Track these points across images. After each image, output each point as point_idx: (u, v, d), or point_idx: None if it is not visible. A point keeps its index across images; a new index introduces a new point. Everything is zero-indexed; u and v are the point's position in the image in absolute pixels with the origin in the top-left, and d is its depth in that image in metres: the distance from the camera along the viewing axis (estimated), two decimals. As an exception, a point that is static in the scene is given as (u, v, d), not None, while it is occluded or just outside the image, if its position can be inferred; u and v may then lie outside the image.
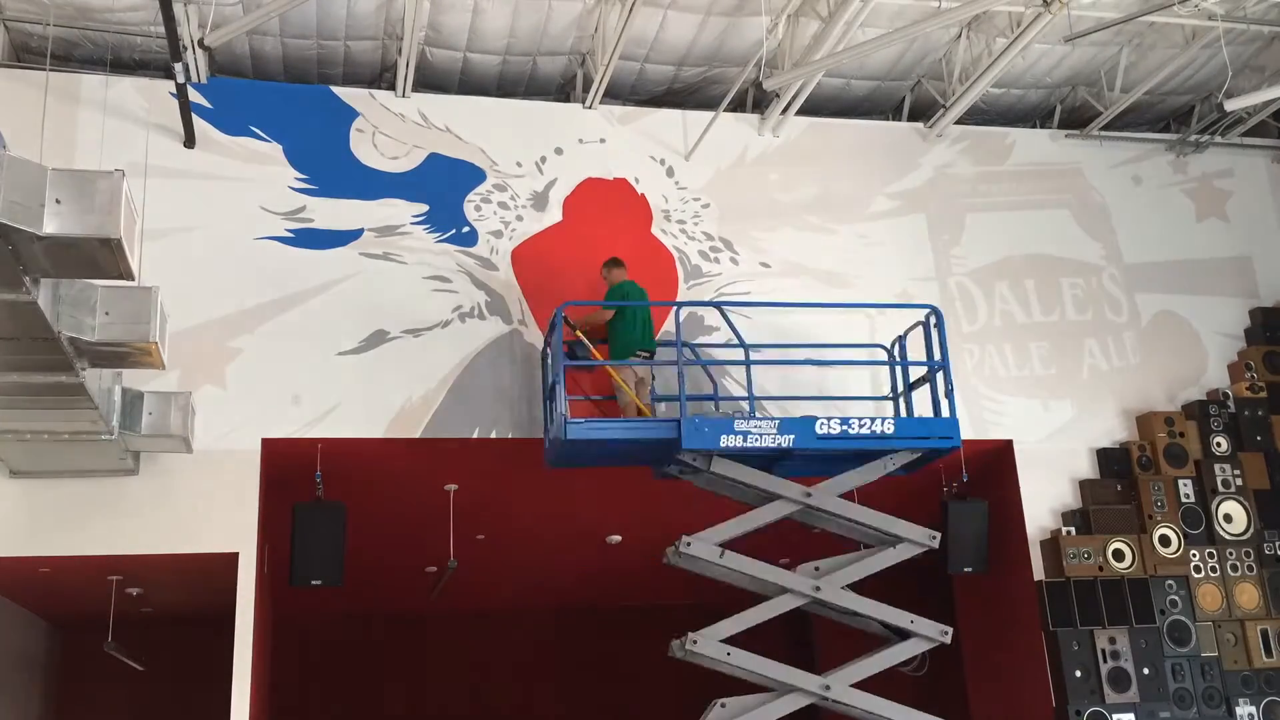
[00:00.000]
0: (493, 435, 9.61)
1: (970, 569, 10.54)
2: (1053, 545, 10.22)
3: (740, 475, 9.02)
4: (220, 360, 9.33)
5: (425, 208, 10.09)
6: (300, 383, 9.41)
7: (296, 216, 9.83)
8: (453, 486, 10.52)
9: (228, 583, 8.92)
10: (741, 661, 8.87)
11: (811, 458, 9.21)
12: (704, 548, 8.85)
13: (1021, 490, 10.48)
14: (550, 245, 10.27)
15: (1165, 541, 10.34)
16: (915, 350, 9.73)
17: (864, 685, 9.00)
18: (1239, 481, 10.70)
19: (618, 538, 12.74)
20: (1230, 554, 10.46)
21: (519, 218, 10.27)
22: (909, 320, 9.78)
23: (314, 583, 9.18)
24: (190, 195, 9.64)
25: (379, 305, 9.71)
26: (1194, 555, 10.39)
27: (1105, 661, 9.85)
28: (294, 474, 9.35)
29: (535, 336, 9.95)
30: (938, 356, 9.37)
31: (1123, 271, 11.46)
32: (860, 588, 9.20)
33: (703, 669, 9.04)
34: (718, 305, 9.90)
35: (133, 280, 5.95)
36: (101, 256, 5.55)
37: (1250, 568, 10.46)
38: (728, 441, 8.78)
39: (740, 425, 8.89)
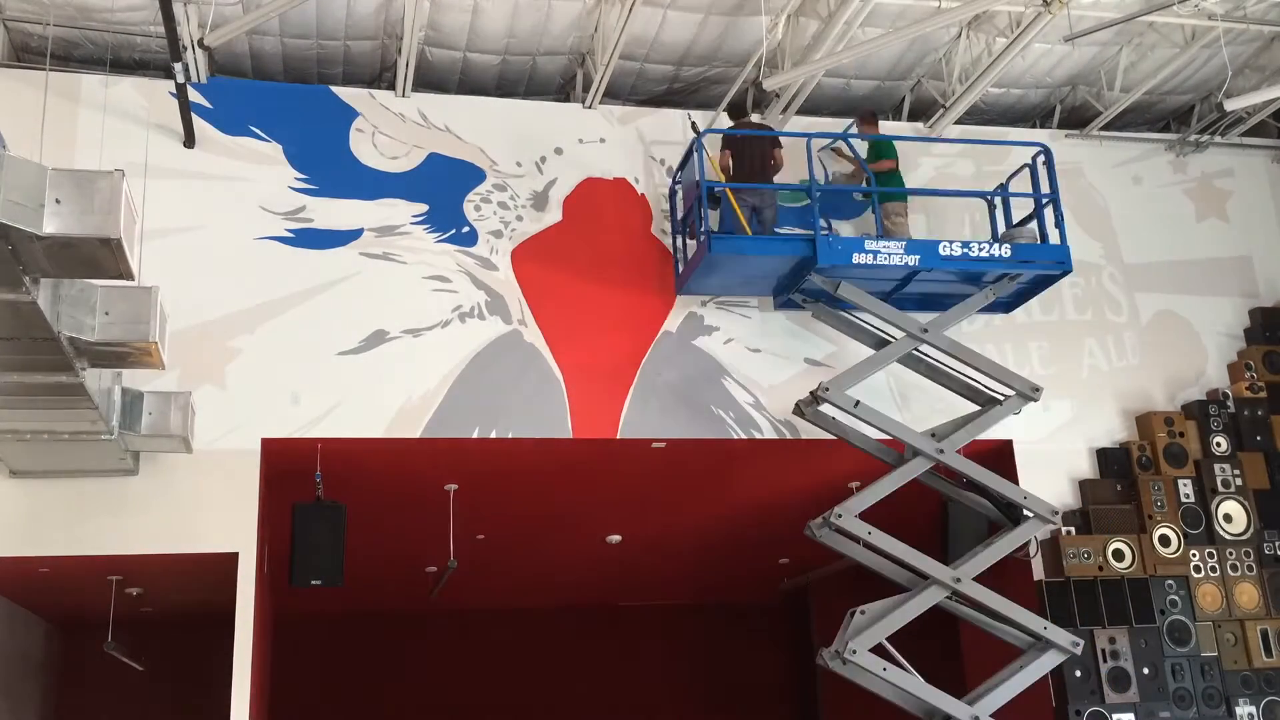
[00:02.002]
0: (492, 435, 9.61)
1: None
2: (1053, 545, 10.22)
3: (864, 302, 9.57)
4: (220, 360, 9.33)
5: (425, 208, 10.09)
6: (300, 383, 9.41)
7: (296, 216, 9.83)
8: (453, 486, 10.53)
9: (228, 583, 8.92)
10: (881, 543, 9.10)
11: (927, 297, 9.93)
12: (853, 522, 9.09)
13: (1022, 490, 10.47)
14: (550, 245, 10.26)
15: (1165, 541, 10.34)
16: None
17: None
18: (1239, 481, 10.70)
19: (618, 538, 12.75)
20: (1230, 554, 10.46)
21: (519, 218, 10.27)
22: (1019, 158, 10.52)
23: (314, 583, 9.18)
24: (190, 195, 9.64)
25: (379, 305, 9.71)
26: (1194, 555, 10.39)
27: (1105, 661, 9.84)
28: (294, 474, 9.35)
29: (535, 336, 9.95)
30: (1047, 190, 10.06)
31: (1123, 271, 11.46)
32: (848, 577, 9.24)
33: (705, 671, 9.02)
34: (845, 138, 10.40)
35: (133, 280, 5.95)
36: (101, 256, 5.55)
37: (1250, 568, 10.46)
38: (859, 259, 9.41)
39: (870, 245, 9.53)
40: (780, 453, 10.43)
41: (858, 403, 9.29)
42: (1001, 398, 9.73)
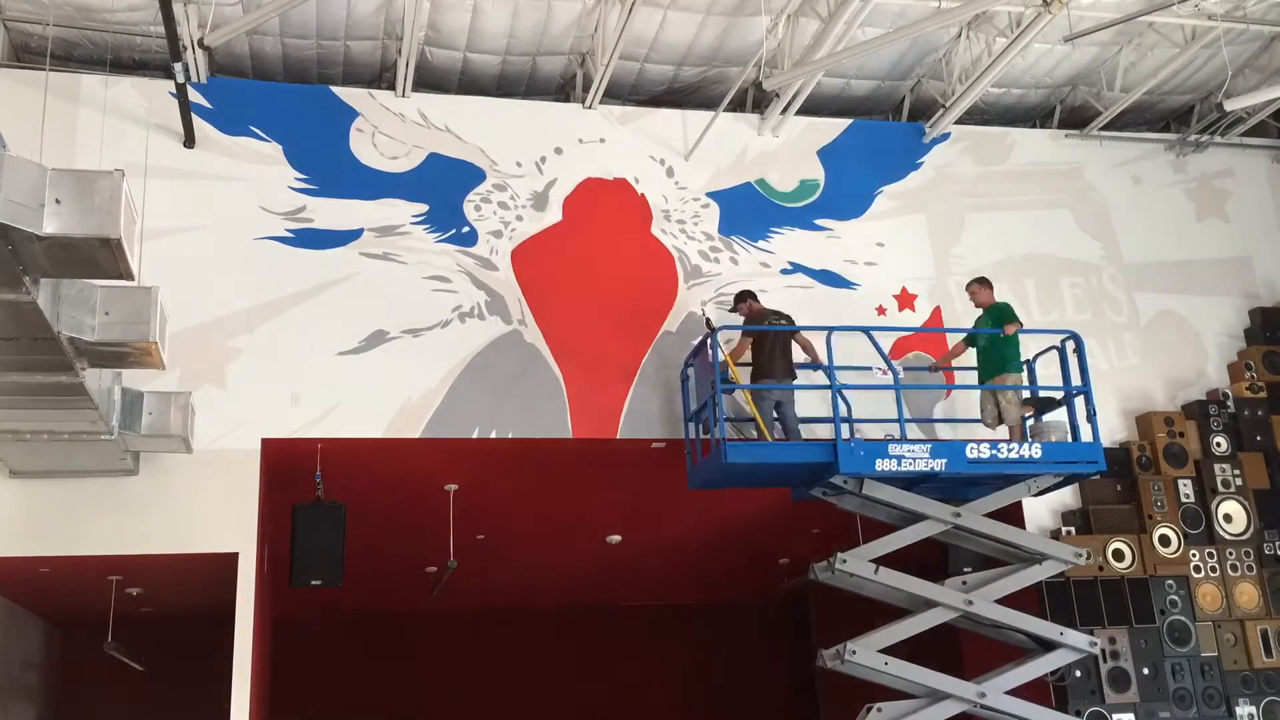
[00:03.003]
0: (493, 435, 9.61)
1: (970, 569, 10.52)
2: (1053, 545, 10.21)
3: (892, 498, 9.11)
4: (220, 360, 9.32)
5: (425, 208, 10.09)
6: (300, 383, 9.41)
7: (296, 216, 9.82)
8: (453, 486, 10.53)
9: (228, 583, 8.92)
10: (899, 671, 8.93)
11: (950, 481, 9.28)
12: (859, 564, 8.94)
13: (1022, 490, 10.45)
14: (550, 245, 10.26)
15: (1165, 541, 10.34)
16: (1045, 375, 9.95)
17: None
18: (1239, 481, 10.70)
19: (618, 538, 12.74)
20: (1230, 554, 10.46)
21: (519, 218, 10.27)
22: (1042, 343, 9.84)
23: (314, 583, 9.18)
24: (190, 195, 9.65)
25: (379, 305, 9.71)
26: (1194, 555, 10.39)
27: (1105, 661, 9.84)
28: (294, 474, 9.35)
29: (535, 336, 9.95)
30: (1078, 381, 9.46)
31: (1123, 271, 11.46)
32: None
33: (705, 671, 9.00)
34: (866, 330, 9.64)
35: (133, 280, 5.95)
36: (101, 256, 5.55)
37: (1250, 568, 10.45)
38: (883, 465, 8.88)
39: (894, 450, 8.97)
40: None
41: (878, 569, 8.97)
42: (1040, 558, 9.37)
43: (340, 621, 15.56)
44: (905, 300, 10.78)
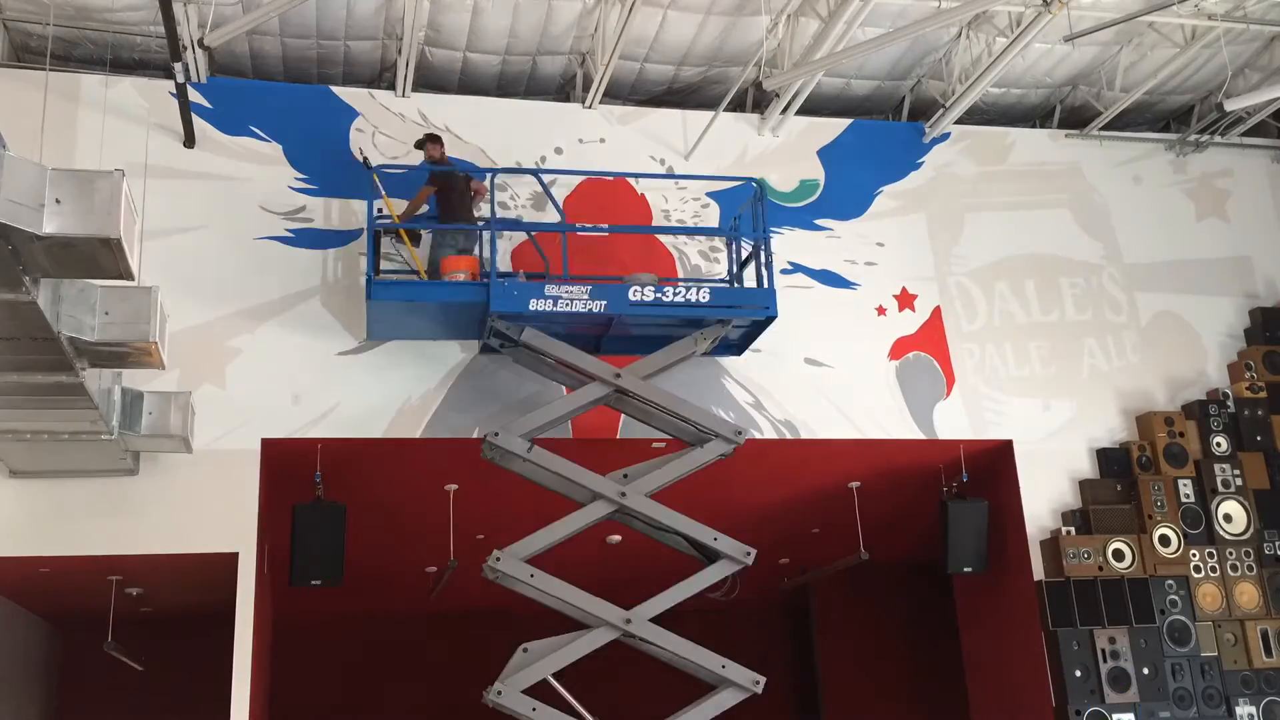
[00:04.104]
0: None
1: (970, 569, 10.55)
2: (1053, 545, 10.22)
3: (548, 347, 8.78)
4: (220, 360, 9.32)
5: (425, 208, 10.08)
6: (300, 383, 9.41)
7: (296, 216, 9.82)
8: (453, 486, 10.52)
9: (228, 583, 8.92)
10: (543, 584, 8.58)
11: (637, 340, 9.01)
12: (510, 439, 8.55)
13: (1021, 490, 10.48)
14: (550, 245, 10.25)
15: (1165, 541, 10.34)
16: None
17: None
18: (1239, 481, 10.69)
19: (618, 538, 12.72)
20: (1230, 554, 10.46)
21: (519, 218, 10.26)
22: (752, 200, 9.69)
23: (314, 583, 9.18)
24: (190, 195, 9.65)
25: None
26: (1194, 555, 10.39)
27: (1105, 661, 9.84)
28: (294, 474, 9.35)
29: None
30: (759, 230, 9.37)
31: (1123, 271, 11.46)
32: (848, 577, 9.13)
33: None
34: (535, 173, 9.82)
35: (133, 280, 5.96)
36: (101, 256, 5.55)
37: (1250, 568, 10.45)
38: (537, 305, 8.63)
39: (551, 290, 8.70)
40: (780, 453, 10.42)
41: (531, 446, 8.59)
42: (710, 438, 9.00)
43: (340, 621, 15.56)
44: (905, 300, 10.78)
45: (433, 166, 9.52)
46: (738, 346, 9.61)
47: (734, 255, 9.90)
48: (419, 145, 9.71)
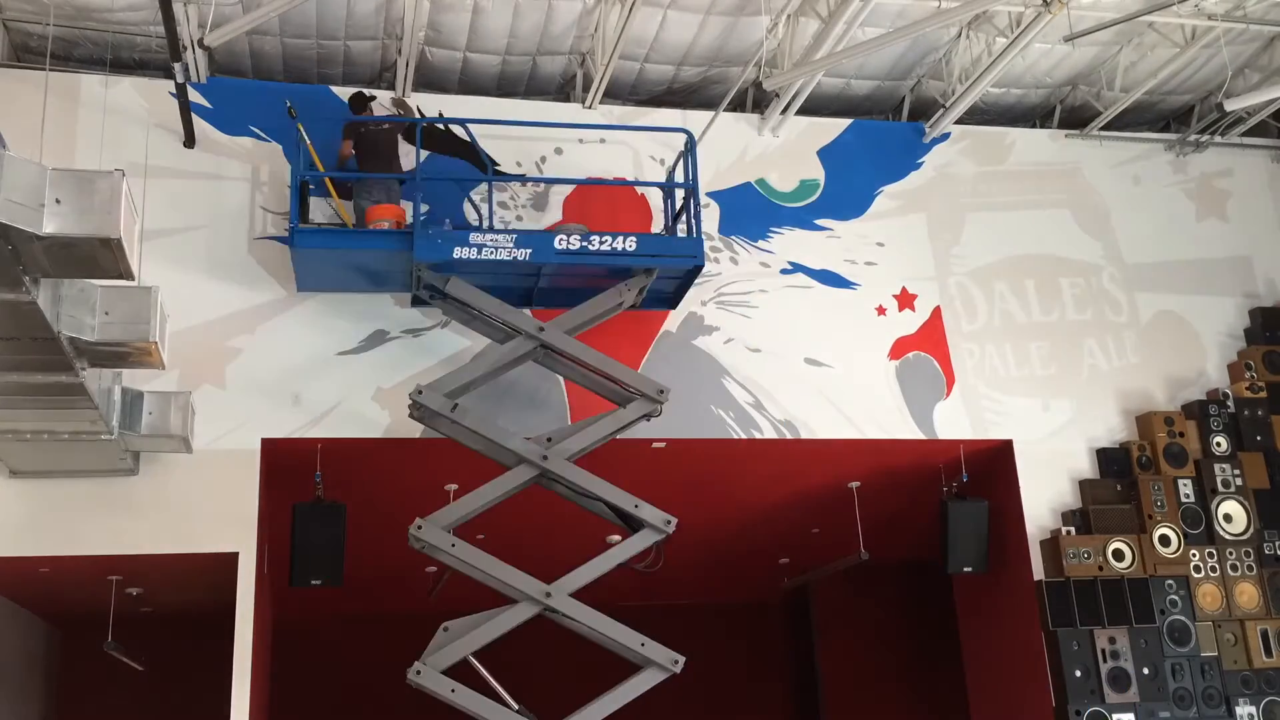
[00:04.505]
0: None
1: (970, 569, 10.55)
2: (1053, 545, 10.21)
3: (474, 299, 8.73)
4: (220, 360, 9.32)
5: (425, 207, 10.08)
6: (300, 383, 9.41)
7: (296, 216, 9.81)
8: (453, 486, 10.50)
9: (228, 583, 8.92)
10: (464, 555, 8.51)
11: (569, 293, 8.98)
12: (435, 398, 8.49)
13: (1021, 490, 10.47)
14: (550, 245, 10.25)
15: (1165, 541, 10.34)
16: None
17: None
18: (1239, 481, 10.69)
19: (618, 538, 12.72)
20: (1230, 554, 10.46)
21: (519, 218, 10.26)
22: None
23: (314, 583, 9.19)
24: (190, 195, 9.64)
25: (379, 305, 9.70)
26: (1194, 555, 10.38)
27: (1105, 661, 9.84)
28: (294, 474, 9.34)
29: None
30: (688, 180, 9.38)
31: (1123, 271, 11.45)
32: (848, 577, 9.16)
33: (705, 671, 8.94)
34: (463, 123, 9.79)
35: (133, 280, 5.96)
36: (101, 256, 5.56)
37: (1250, 568, 10.45)
38: (462, 253, 8.59)
39: (475, 238, 8.68)
40: (780, 453, 10.42)
41: (455, 406, 8.52)
42: (634, 398, 8.93)
43: (340, 622, 15.56)
44: (905, 300, 10.78)
45: (355, 118, 9.53)
46: (671, 299, 9.56)
47: (669, 208, 9.91)
48: (350, 104, 9.73)
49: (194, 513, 8.94)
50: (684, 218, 9.61)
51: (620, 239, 8.93)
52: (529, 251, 8.72)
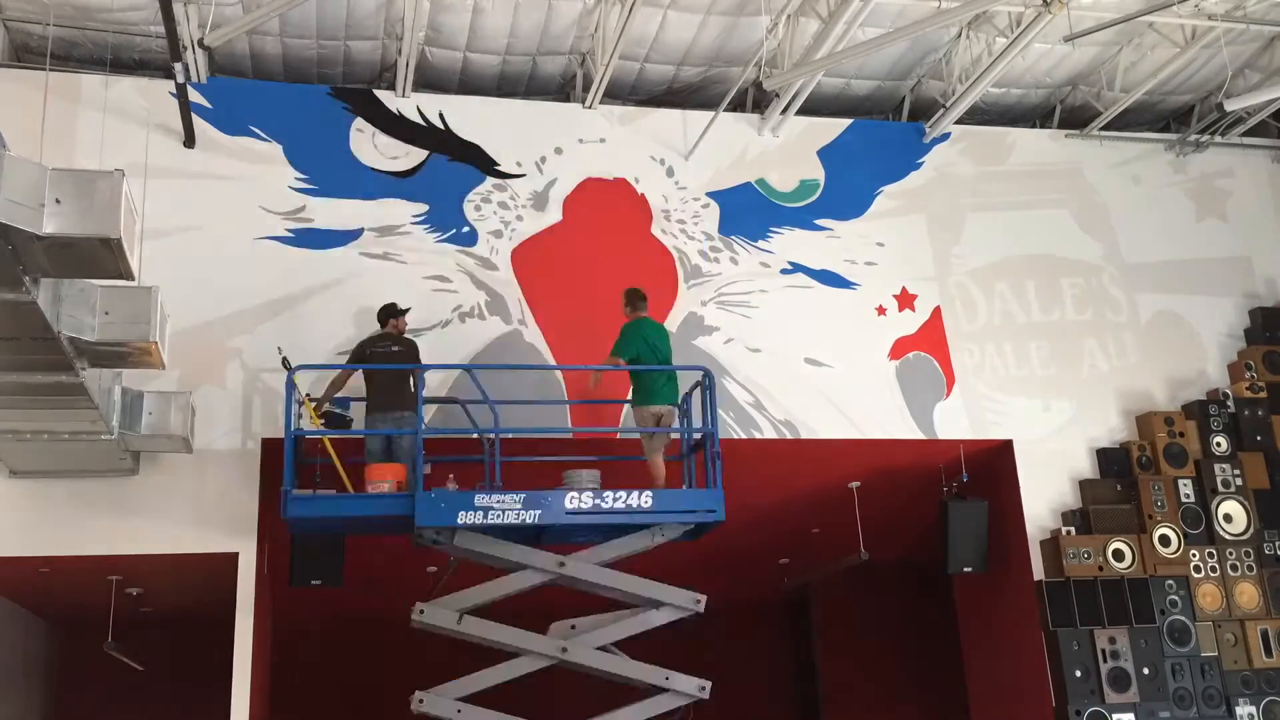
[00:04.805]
0: (492, 435, 9.56)
1: (970, 569, 10.55)
2: (1053, 545, 10.21)
3: (486, 548, 8.51)
4: (220, 360, 9.32)
5: (425, 208, 10.09)
6: (300, 382, 9.38)
7: (296, 216, 9.83)
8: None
9: (228, 583, 8.92)
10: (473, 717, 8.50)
11: (583, 527, 8.59)
12: (441, 614, 8.41)
13: (1021, 490, 10.47)
14: (550, 245, 10.26)
15: (1165, 541, 10.33)
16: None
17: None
18: (1239, 481, 10.69)
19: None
20: (1230, 554, 10.45)
21: (519, 218, 10.27)
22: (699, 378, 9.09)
23: (314, 583, 9.18)
24: (190, 195, 9.65)
25: (379, 305, 9.69)
26: (1194, 555, 10.38)
27: (1105, 661, 9.84)
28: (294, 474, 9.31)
29: (535, 336, 9.95)
30: (708, 422, 8.80)
31: (1123, 271, 11.45)
32: (848, 577, 9.11)
33: (705, 671, 8.93)
34: (468, 368, 9.33)
35: (133, 280, 5.96)
36: (101, 256, 5.56)
37: (1250, 568, 10.45)
38: (466, 518, 8.26)
39: (480, 501, 8.30)
40: (780, 453, 10.42)
41: (462, 617, 8.42)
42: (663, 605, 8.77)
43: (341, 622, 15.55)
44: (905, 300, 10.78)
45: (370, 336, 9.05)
46: (693, 533, 9.09)
47: (685, 442, 9.24)
48: (381, 315, 9.12)
49: (194, 513, 8.94)
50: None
51: (635, 495, 8.47)
52: (538, 513, 8.29)
